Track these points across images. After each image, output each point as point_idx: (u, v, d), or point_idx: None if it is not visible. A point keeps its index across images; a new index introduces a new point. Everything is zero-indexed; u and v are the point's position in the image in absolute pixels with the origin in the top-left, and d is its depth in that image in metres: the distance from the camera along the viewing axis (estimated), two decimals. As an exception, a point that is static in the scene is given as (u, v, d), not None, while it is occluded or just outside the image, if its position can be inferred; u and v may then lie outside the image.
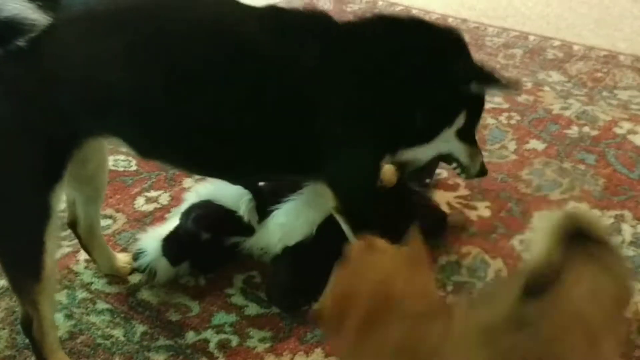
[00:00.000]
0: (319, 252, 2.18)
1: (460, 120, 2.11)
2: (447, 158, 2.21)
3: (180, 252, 2.28)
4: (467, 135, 2.17)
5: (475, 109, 2.16)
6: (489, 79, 2.07)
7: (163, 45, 1.84)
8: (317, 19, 2.01)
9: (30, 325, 1.92)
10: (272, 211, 2.28)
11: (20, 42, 1.68)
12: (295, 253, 2.23)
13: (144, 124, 1.90)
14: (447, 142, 2.14)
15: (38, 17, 1.69)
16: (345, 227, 2.12)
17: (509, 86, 2.13)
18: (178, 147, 1.97)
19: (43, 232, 1.84)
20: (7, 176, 1.78)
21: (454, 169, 2.26)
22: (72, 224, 2.25)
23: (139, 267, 2.29)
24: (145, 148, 1.98)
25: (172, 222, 2.33)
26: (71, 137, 1.84)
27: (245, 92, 1.89)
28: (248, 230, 2.29)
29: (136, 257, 2.30)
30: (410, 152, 2.14)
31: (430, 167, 2.51)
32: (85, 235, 2.26)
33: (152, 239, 2.30)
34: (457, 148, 2.17)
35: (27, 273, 1.88)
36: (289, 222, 2.24)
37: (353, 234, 2.09)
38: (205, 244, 2.28)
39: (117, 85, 1.81)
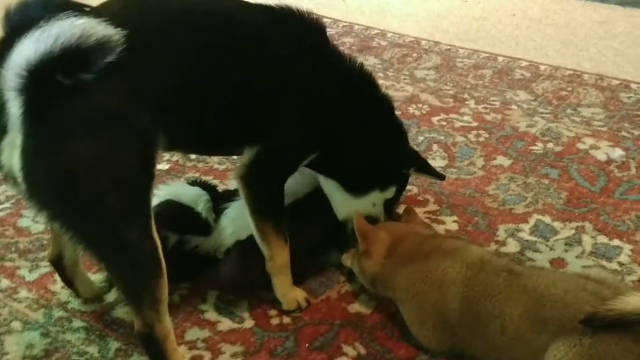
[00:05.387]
0: None
1: (391, 192, 2.50)
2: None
3: None
4: (390, 206, 2.56)
5: (403, 185, 2.59)
6: (427, 168, 2.59)
7: (184, 30, 2.03)
8: (310, 24, 2.27)
9: (150, 334, 1.94)
10: (225, 209, 2.36)
11: (105, 62, 1.74)
12: (245, 244, 2.28)
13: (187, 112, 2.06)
14: (373, 205, 2.48)
15: (118, 36, 1.74)
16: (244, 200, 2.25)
17: (439, 176, 2.64)
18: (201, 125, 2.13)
19: (152, 228, 1.91)
20: (120, 183, 1.85)
21: None
22: (57, 260, 2.28)
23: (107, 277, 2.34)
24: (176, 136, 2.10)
25: None
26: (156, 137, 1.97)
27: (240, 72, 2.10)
28: (206, 228, 2.35)
29: None
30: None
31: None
32: (71, 265, 2.30)
33: None
34: (379, 213, 2.51)
35: (152, 272, 1.92)
36: (240, 216, 2.29)
37: (251, 209, 2.24)
38: (171, 250, 2.31)
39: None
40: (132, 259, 1.90)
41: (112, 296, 2.37)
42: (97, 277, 2.42)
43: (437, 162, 3.04)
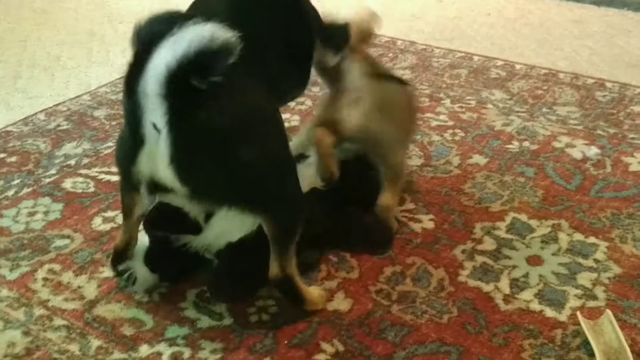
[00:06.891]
0: (259, 248, 2.24)
1: None
2: None
3: (156, 258, 2.38)
4: None
5: None
6: None
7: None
8: None
9: (285, 277, 2.18)
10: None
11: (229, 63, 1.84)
12: (236, 247, 2.29)
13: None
14: None
15: (236, 38, 1.83)
16: None
17: None
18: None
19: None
20: (289, 162, 2.20)
21: None
22: (125, 247, 2.42)
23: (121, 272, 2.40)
24: None
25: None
26: None
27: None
28: (195, 228, 2.35)
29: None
30: None
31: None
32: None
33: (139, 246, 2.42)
34: None
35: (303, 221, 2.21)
36: (232, 218, 2.27)
37: None
38: (163, 248, 2.36)
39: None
40: (297, 212, 2.20)
41: (92, 294, 2.38)
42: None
43: (413, 160, 3.07)
